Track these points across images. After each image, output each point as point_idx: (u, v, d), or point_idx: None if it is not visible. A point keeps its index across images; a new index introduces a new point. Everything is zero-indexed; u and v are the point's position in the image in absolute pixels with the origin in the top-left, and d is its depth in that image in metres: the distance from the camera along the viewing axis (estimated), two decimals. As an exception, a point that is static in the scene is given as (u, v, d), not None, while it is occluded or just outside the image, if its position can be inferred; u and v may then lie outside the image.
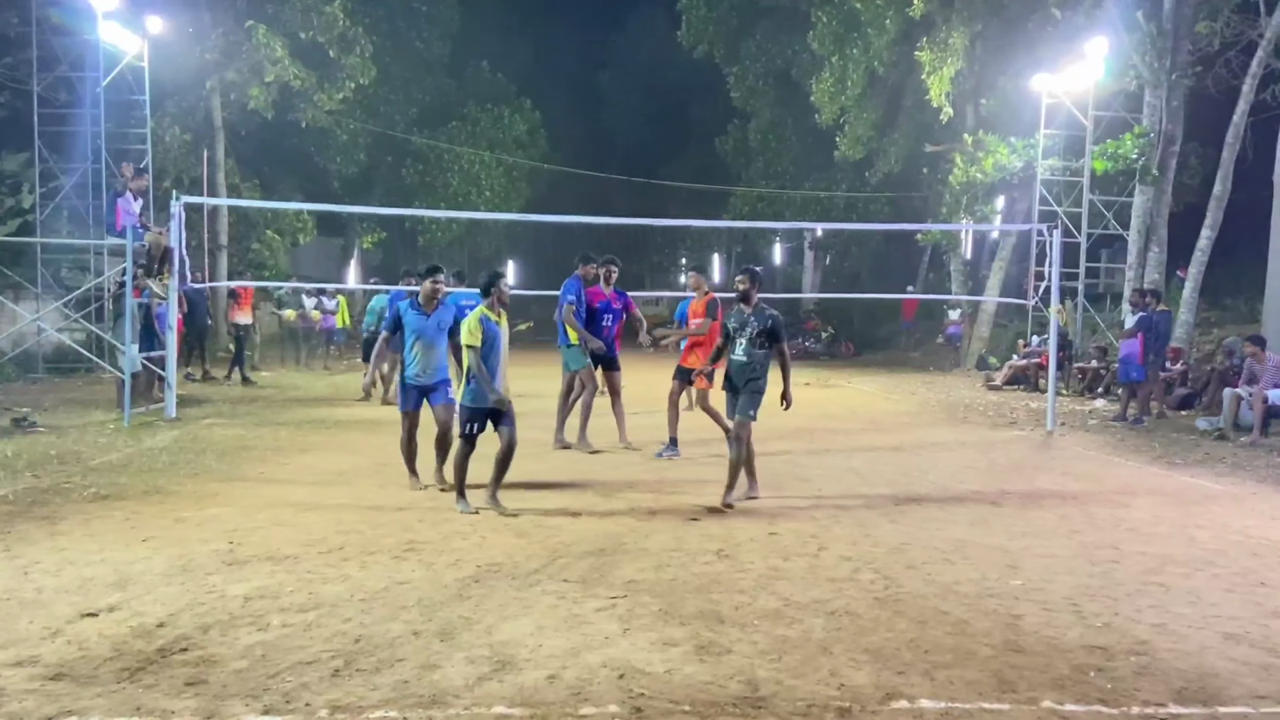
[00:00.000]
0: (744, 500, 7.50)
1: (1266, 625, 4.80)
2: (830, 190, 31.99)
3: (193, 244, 18.95)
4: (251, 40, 21.66)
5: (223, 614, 4.61)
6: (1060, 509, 7.63)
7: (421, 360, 7.65)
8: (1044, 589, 5.34)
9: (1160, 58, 17.55)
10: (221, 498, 7.31)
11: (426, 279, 7.72)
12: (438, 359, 7.71)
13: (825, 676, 3.99)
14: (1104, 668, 4.17)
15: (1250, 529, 7.02)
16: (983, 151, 21.10)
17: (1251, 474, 9.56)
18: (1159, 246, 18.39)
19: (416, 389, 7.73)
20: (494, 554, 5.79)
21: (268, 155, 28.56)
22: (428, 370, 7.68)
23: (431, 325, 7.62)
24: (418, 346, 7.62)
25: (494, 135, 36.23)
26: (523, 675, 3.93)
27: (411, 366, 7.69)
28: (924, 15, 22.34)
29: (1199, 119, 19.81)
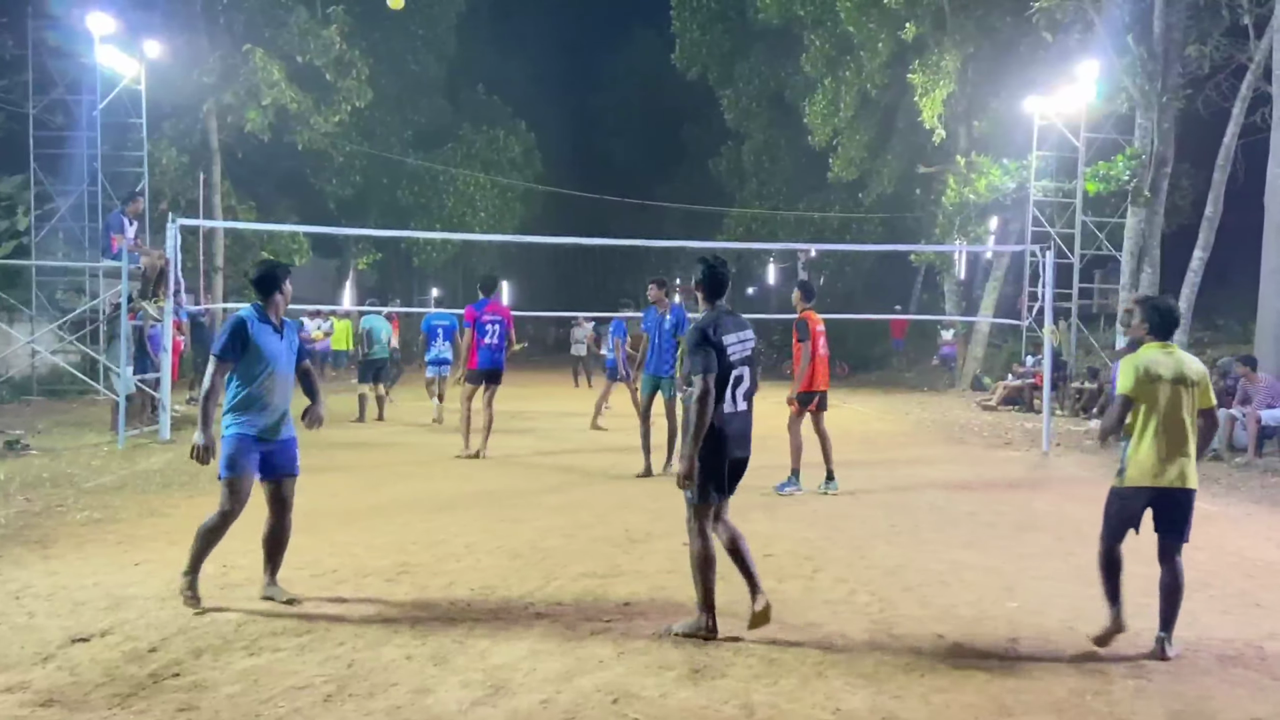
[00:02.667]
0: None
1: (1262, 647, 4.79)
2: (824, 211, 32.13)
3: (188, 266, 19.01)
4: (249, 63, 21.76)
5: (215, 638, 4.59)
6: (1056, 530, 7.62)
7: (271, 400, 5.26)
8: (1041, 611, 5.33)
9: (1151, 80, 17.69)
10: (215, 520, 7.27)
11: (283, 281, 5.36)
12: (286, 398, 5.39)
13: (821, 700, 3.97)
14: (1101, 690, 4.16)
15: (1245, 550, 7.02)
16: (976, 173, 21.22)
17: (1246, 494, 9.58)
18: (1151, 267, 18.48)
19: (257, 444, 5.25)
20: (488, 577, 5.77)
21: (264, 177, 28.63)
22: (278, 415, 5.32)
23: (284, 348, 5.31)
24: (270, 380, 5.20)
25: (489, 156, 36.39)
26: (516, 699, 3.91)
27: (255, 409, 5.20)
28: (916, 38, 22.54)
29: (1190, 141, 19.96)
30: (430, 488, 8.95)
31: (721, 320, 4.78)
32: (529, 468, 10.47)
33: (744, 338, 4.85)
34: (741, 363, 4.79)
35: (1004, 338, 24.90)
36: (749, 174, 35.82)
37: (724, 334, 4.71)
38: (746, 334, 4.88)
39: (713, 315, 4.83)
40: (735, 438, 4.77)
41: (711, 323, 4.74)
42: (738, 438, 4.80)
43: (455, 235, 29.34)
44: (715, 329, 4.70)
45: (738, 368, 4.76)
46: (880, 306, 31.34)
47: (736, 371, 4.75)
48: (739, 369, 4.77)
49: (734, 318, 4.90)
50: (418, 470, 10.10)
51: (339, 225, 28.20)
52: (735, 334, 4.78)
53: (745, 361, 4.82)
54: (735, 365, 4.74)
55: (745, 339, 4.86)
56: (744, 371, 4.81)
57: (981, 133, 23.78)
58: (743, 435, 4.86)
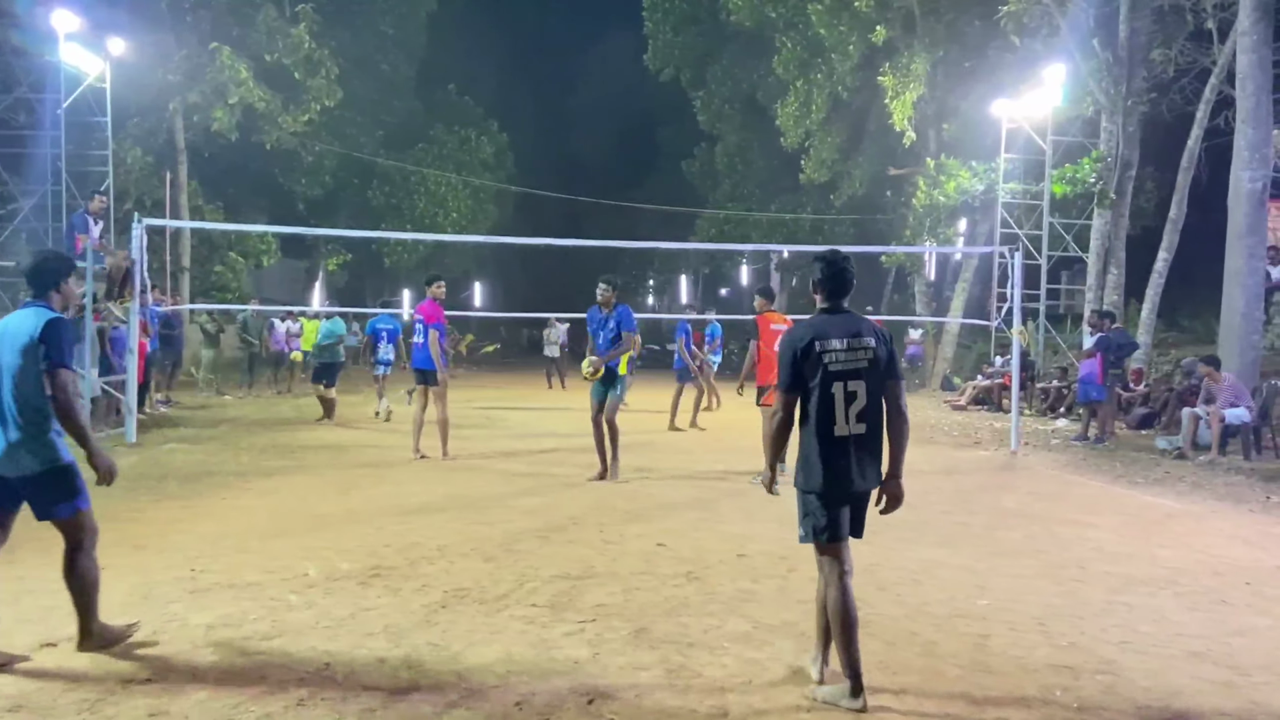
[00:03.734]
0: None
1: (1229, 643, 4.86)
2: (796, 212, 32.30)
3: (154, 267, 18.79)
4: (215, 62, 21.57)
5: (185, 643, 4.53)
6: (1026, 528, 7.70)
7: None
8: (1011, 609, 5.38)
9: (1116, 84, 17.95)
10: (183, 524, 7.19)
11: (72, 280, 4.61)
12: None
13: (796, 699, 3.99)
14: (1070, 687, 4.20)
15: (1211, 547, 7.12)
16: (945, 175, 21.43)
17: (1210, 492, 9.73)
18: (1117, 268, 18.74)
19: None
20: (461, 579, 5.74)
21: (231, 177, 28.38)
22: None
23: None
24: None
25: (461, 157, 36.28)
26: (491, 701, 3.89)
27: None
28: (886, 41, 22.73)
29: (1154, 144, 20.27)
30: (402, 490, 8.89)
31: (822, 326, 4.03)
32: (503, 470, 10.44)
33: (857, 344, 3.98)
34: (851, 375, 3.94)
35: (973, 338, 25.14)
36: (722, 175, 35.96)
37: (820, 340, 3.96)
38: (862, 340, 4.00)
39: (812, 320, 4.12)
40: (845, 467, 3.95)
41: (805, 330, 4.04)
42: (849, 466, 3.95)
43: (427, 236, 29.21)
44: (807, 337, 3.99)
45: (842, 380, 3.94)
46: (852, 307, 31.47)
47: (843, 385, 3.94)
48: (848, 382, 3.94)
49: (846, 320, 4.07)
50: (389, 472, 10.04)
51: (308, 226, 28.00)
52: (841, 339, 3.98)
53: (858, 374, 3.95)
54: (838, 377, 3.94)
55: (859, 345, 3.98)
56: (858, 387, 3.94)
57: (951, 136, 24.02)
58: (859, 464, 3.97)
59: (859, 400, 3.95)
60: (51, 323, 4.21)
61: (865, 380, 3.97)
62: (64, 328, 4.24)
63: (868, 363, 3.98)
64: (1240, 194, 14.19)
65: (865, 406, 3.96)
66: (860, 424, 3.96)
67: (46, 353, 4.17)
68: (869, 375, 3.98)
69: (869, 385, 3.97)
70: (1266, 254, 15.68)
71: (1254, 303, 14.30)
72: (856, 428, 3.96)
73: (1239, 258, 14.24)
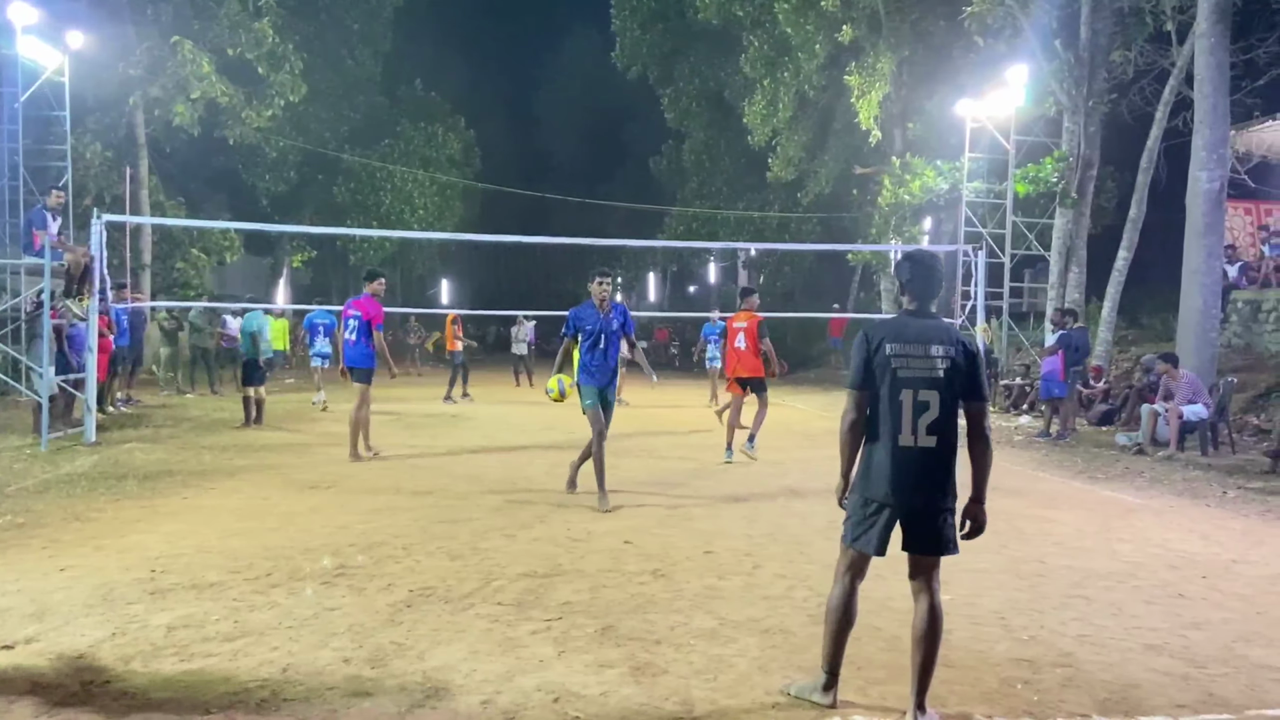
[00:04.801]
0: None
1: (1185, 636, 4.95)
2: (763, 210, 32.43)
3: (114, 263, 18.50)
4: (177, 56, 21.26)
5: (145, 645, 4.47)
6: (989, 524, 7.75)
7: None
8: (973, 603, 5.44)
9: (1078, 85, 18.17)
10: (144, 524, 7.09)
11: None
12: None
13: (761, 695, 4.01)
14: (1030, 680, 4.26)
15: (1169, 542, 7.24)
16: (910, 174, 21.59)
17: (1169, 488, 9.89)
18: (1079, 267, 18.98)
19: None
20: (427, 578, 5.71)
21: (193, 173, 28.04)
22: None
23: None
24: None
25: (427, 154, 36.06)
26: (456, 701, 3.88)
27: None
28: (852, 40, 22.86)
29: (1115, 144, 20.56)
30: (366, 488, 8.82)
31: (897, 327, 3.82)
32: (470, 467, 10.39)
33: (934, 351, 3.73)
34: (923, 383, 3.71)
35: (938, 336, 25.34)
36: (689, 173, 36.02)
37: (892, 341, 3.75)
38: (939, 347, 3.74)
39: (891, 320, 3.92)
40: (904, 479, 3.73)
41: (879, 329, 3.83)
42: (910, 479, 3.73)
43: (392, 233, 28.99)
44: (879, 337, 3.79)
45: (913, 388, 3.71)
46: (819, 305, 31.71)
47: (913, 393, 3.71)
48: (919, 391, 3.70)
49: (926, 325, 3.82)
50: (354, 470, 9.96)
51: (272, 222, 27.68)
52: (916, 344, 3.75)
53: (930, 383, 3.71)
54: (908, 384, 3.71)
55: (936, 353, 3.73)
56: (930, 397, 3.70)
57: (916, 135, 24.21)
58: (919, 478, 3.73)
59: (930, 411, 3.70)
60: None
61: (939, 391, 3.71)
62: None
63: (944, 373, 3.73)
64: (1198, 194, 14.42)
65: (937, 418, 3.70)
66: (930, 437, 3.70)
67: None
68: (944, 386, 3.72)
69: (943, 396, 3.71)
70: (1224, 253, 15.97)
71: (1211, 301, 14.54)
72: (926, 440, 3.70)
73: (1197, 256, 14.48)
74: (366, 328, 10.52)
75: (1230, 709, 4.01)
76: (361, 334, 10.51)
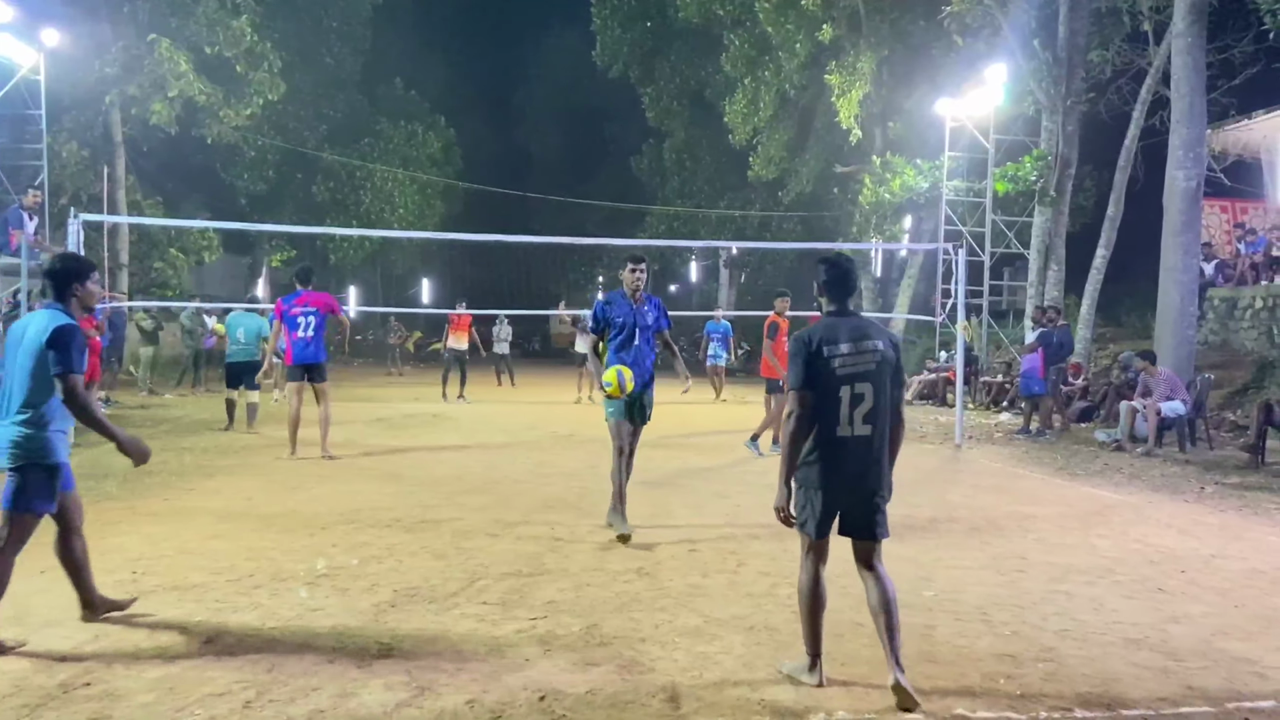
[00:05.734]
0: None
1: (1165, 630, 5.00)
2: (744, 209, 32.49)
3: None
4: (154, 54, 21.07)
5: (128, 646, 4.44)
6: (970, 521, 7.84)
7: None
8: (955, 599, 5.48)
9: (1056, 84, 18.32)
10: (124, 526, 7.03)
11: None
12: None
13: (746, 692, 4.02)
14: (1013, 675, 4.29)
15: (1148, 537, 7.32)
16: (890, 173, 21.72)
17: (1147, 483, 9.99)
18: (1057, 265, 19.14)
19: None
20: (411, 578, 5.69)
21: (171, 172, 27.82)
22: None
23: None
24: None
25: (407, 152, 35.91)
26: (442, 700, 3.87)
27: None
28: (833, 40, 22.95)
29: (1093, 143, 20.73)
30: (350, 488, 8.78)
31: (828, 329, 4.07)
32: (452, 468, 10.36)
33: (865, 347, 4.02)
34: (859, 377, 3.99)
35: (918, 334, 25.50)
36: (671, 172, 36.04)
37: (829, 343, 4.01)
38: (870, 343, 4.04)
39: (819, 323, 4.14)
40: (843, 466, 4.02)
41: (812, 332, 4.07)
42: (849, 467, 4.03)
43: (372, 232, 28.86)
44: (815, 339, 4.02)
45: (849, 383, 3.97)
46: (799, 304, 31.73)
47: (850, 387, 3.98)
48: (855, 385, 3.98)
49: (852, 322, 4.13)
50: (336, 471, 9.91)
51: (251, 221, 27.49)
52: (851, 342, 4.03)
53: (865, 377, 3.99)
54: (844, 380, 3.97)
55: (867, 349, 4.02)
56: (865, 389, 3.99)
57: (896, 134, 24.34)
58: (857, 465, 4.03)
59: (865, 402, 3.99)
60: (59, 329, 4.35)
61: (873, 383, 4.00)
62: (72, 334, 4.38)
63: (876, 366, 4.02)
64: (1175, 192, 14.57)
65: (872, 408, 4.00)
66: (866, 426, 4.00)
67: (55, 359, 4.33)
68: (877, 378, 4.02)
69: (876, 388, 4.01)
70: (1200, 251, 16.14)
71: (1189, 298, 14.69)
72: (862, 429, 4.00)
73: (1174, 254, 14.62)
74: (324, 322, 10.46)
75: (1209, 701, 4.05)
76: (320, 330, 10.42)
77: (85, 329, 12.26)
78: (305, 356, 10.46)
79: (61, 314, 4.47)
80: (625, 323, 7.07)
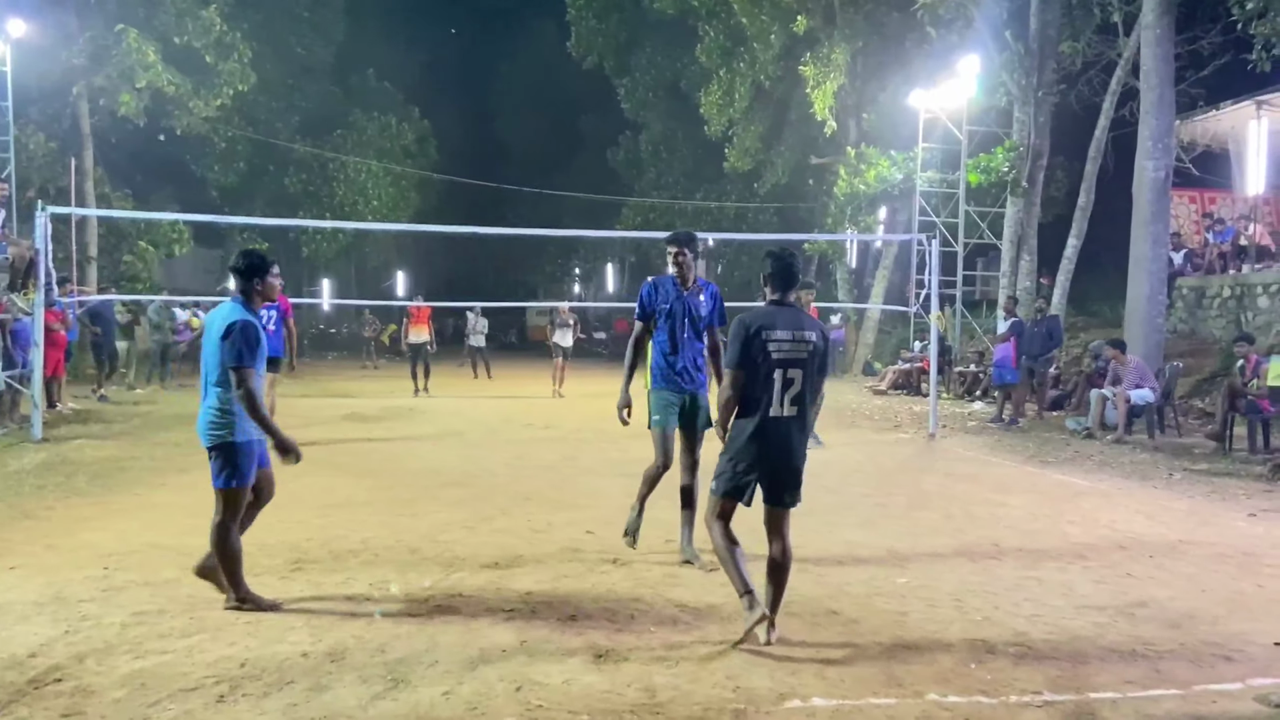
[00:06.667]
0: None
1: (1133, 614, 5.07)
2: (720, 201, 32.54)
3: (60, 256, 18.10)
4: (122, 45, 20.79)
5: (99, 642, 4.40)
6: (944, 509, 7.91)
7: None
8: (929, 586, 5.53)
9: (1028, 75, 18.44)
10: (96, 521, 6.97)
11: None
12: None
13: (721, 680, 4.05)
14: (984, 660, 4.34)
15: (1116, 523, 7.41)
16: (865, 164, 21.80)
17: (1117, 470, 10.11)
18: (1030, 255, 19.30)
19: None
20: (386, 571, 5.68)
21: (140, 163, 27.47)
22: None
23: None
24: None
25: (381, 144, 35.64)
26: (418, 692, 3.87)
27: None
28: (807, 31, 22.99)
29: (1064, 134, 20.90)
30: (326, 482, 8.72)
31: (770, 316, 4.44)
32: (428, 461, 10.34)
33: (801, 337, 4.40)
34: (792, 364, 4.37)
35: (893, 324, 25.65)
36: (647, 164, 36.01)
37: (768, 329, 4.37)
38: (805, 334, 4.42)
39: (762, 310, 4.52)
40: (772, 442, 4.42)
41: (755, 317, 4.43)
42: (776, 442, 4.43)
43: (345, 225, 28.64)
44: (756, 324, 4.39)
45: (783, 368, 4.36)
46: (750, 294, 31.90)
47: (783, 373, 4.36)
48: (787, 370, 4.36)
49: (790, 313, 4.50)
50: (310, 464, 9.80)
51: (222, 214, 27.21)
52: (787, 330, 4.40)
53: (797, 363, 4.38)
54: (779, 365, 4.35)
55: (802, 338, 4.40)
56: (796, 375, 4.38)
57: (870, 125, 24.44)
58: (783, 440, 4.44)
59: (795, 386, 4.42)
60: (234, 325, 4.74)
61: (803, 369, 4.42)
62: (244, 329, 4.75)
63: (808, 354, 4.44)
64: (1144, 182, 14.72)
65: (799, 392, 4.43)
66: (793, 407, 4.43)
67: (227, 351, 4.72)
68: (807, 365, 4.44)
69: (805, 374, 4.43)
70: (1169, 240, 16.33)
71: (1158, 287, 14.86)
72: (790, 410, 4.42)
73: (1143, 244, 14.79)
74: (282, 318, 10.84)
75: (1176, 684, 4.11)
76: (278, 325, 10.81)
77: (50, 322, 12.18)
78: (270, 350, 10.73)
79: (241, 309, 4.88)
80: (674, 310, 5.98)
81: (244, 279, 5.00)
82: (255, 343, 4.79)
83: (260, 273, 5.04)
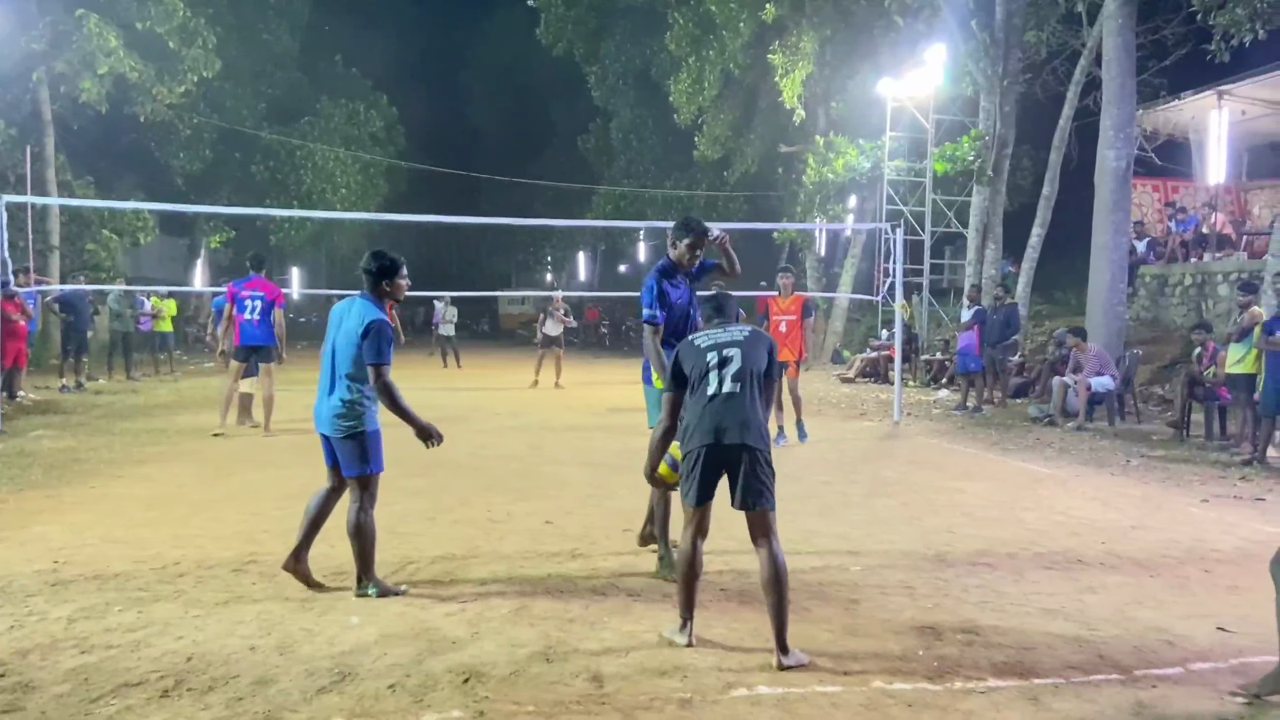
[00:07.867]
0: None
1: (1081, 600, 5.14)
2: (691, 189, 32.49)
3: (19, 245, 17.82)
4: (82, 30, 20.43)
5: (43, 637, 4.35)
6: (903, 496, 7.97)
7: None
8: (881, 574, 5.57)
9: (993, 65, 18.54)
10: (48, 514, 6.89)
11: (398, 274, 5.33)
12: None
13: (669, 669, 4.06)
14: (932, 646, 4.39)
15: (1072, 510, 7.51)
16: (833, 153, 21.84)
17: (1075, 457, 10.24)
18: (995, 244, 19.43)
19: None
20: (341, 562, 5.63)
21: (103, 151, 27.04)
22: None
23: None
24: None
25: (349, 131, 35.24)
26: (364, 685, 3.86)
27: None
28: (776, 19, 22.96)
29: (1029, 123, 21.04)
30: (285, 474, 8.66)
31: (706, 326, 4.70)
32: (392, 450, 10.24)
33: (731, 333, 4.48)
34: (727, 344, 4.42)
35: (862, 312, 25.78)
36: (617, 152, 35.88)
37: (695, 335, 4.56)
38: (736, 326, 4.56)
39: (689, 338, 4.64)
40: (715, 419, 4.29)
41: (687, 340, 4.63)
42: (719, 419, 4.29)
43: (313, 214, 28.32)
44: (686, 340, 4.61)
45: (716, 350, 4.40)
46: (746, 283, 31.89)
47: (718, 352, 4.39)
48: (723, 349, 4.41)
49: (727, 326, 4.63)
50: (272, 455, 9.78)
51: (188, 202, 26.84)
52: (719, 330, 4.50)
53: (733, 344, 4.41)
54: (712, 347, 4.41)
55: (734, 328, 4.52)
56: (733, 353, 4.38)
57: (839, 114, 24.48)
58: (726, 416, 4.29)
59: (734, 364, 4.32)
60: (372, 325, 4.95)
61: (740, 349, 4.36)
62: (382, 328, 4.99)
63: (743, 338, 4.42)
64: (1106, 171, 14.87)
65: (740, 368, 4.32)
66: (735, 383, 4.31)
67: (369, 349, 4.96)
68: (743, 346, 4.37)
69: (744, 353, 4.35)
70: (1132, 229, 16.50)
71: (1119, 276, 15.03)
72: (731, 386, 4.30)
73: (1105, 233, 14.94)
74: (269, 308, 10.87)
75: (1119, 669, 4.17)
76: (265, 314, 10.86)
77: (9, 312, 12.00)
78: (252, 338, 10.96)
79: (374, 308, 5.05)
80: (681, 304, 5.60)
81: (374, 280, 5.18)
82: (389, 340, 5.07)
83: (391, 274, 5.20)
